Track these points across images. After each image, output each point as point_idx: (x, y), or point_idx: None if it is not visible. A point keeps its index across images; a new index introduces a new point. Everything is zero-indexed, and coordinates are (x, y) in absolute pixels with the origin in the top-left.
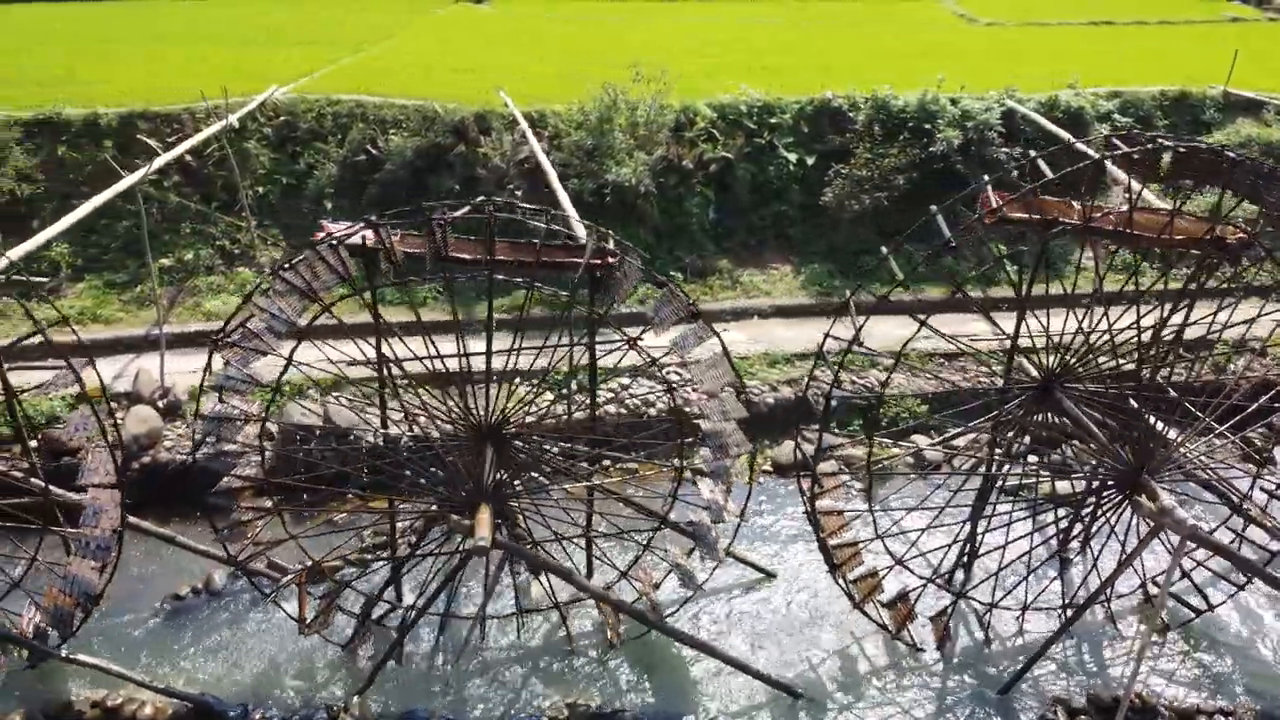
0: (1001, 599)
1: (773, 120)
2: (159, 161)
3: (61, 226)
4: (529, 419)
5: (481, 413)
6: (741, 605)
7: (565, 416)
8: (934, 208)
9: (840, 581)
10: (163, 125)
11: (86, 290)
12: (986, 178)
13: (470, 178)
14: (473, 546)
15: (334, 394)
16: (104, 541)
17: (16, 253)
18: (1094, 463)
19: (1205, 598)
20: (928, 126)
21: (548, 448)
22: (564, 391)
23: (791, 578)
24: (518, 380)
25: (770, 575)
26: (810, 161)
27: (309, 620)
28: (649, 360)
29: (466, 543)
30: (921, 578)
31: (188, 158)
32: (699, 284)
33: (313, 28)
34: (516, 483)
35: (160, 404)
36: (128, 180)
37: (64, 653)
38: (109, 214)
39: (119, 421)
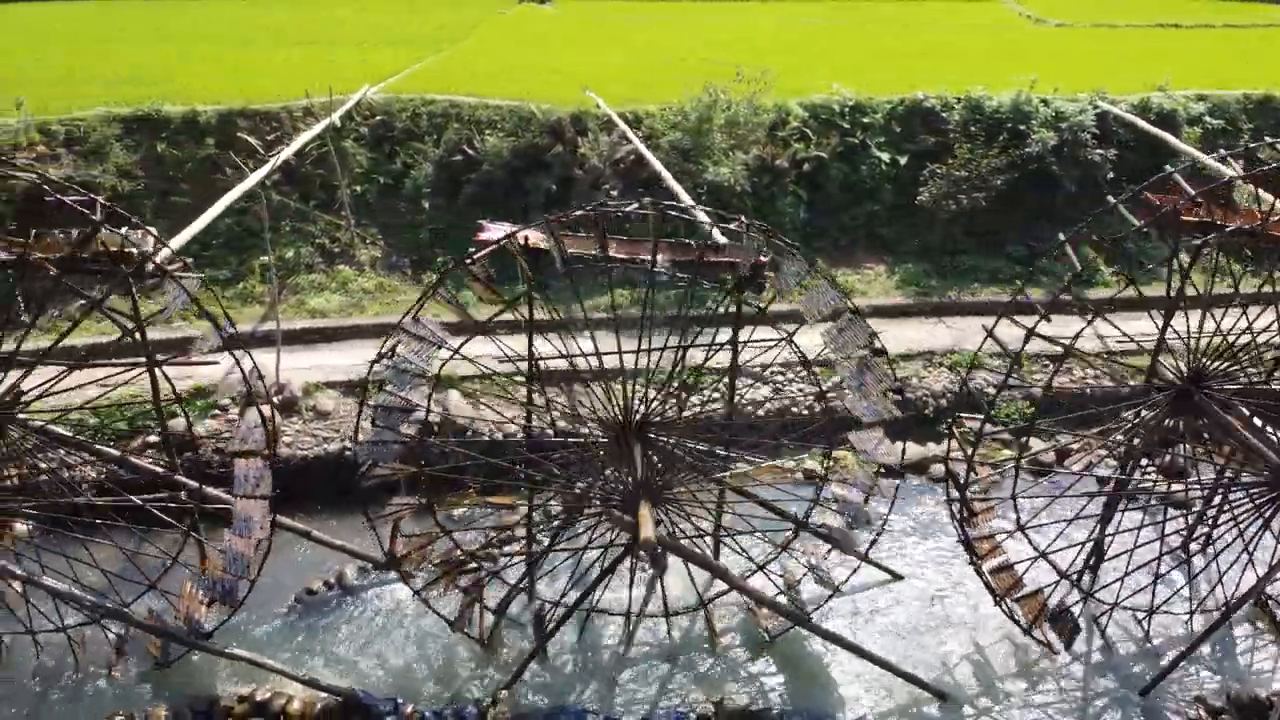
0: (1111, 596)
1: (865, 120)
2: (280, 158)
3: (204, 221)
4: (666, 416)
5: (625, 410)
6: (871, 606)
7: (701, 413)
8: (1112, 199)
9: (983, 575)
10: (261, 123)
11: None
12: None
13: (566, 178)
14: (642, 543)
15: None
16: (228, 585)
17: (178, 241)
18: (1232, 465)
19: None
20: (1021, 128)
21: (691, 445)
22: (674, 390)
23: (919, 579)
24: (658, 377)
25: (898, 577)
26: (903, 161)
27: (457, 620)
28: (801, 358)
29: (616, 537)
30: (1060, 573)
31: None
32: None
33: (388, 29)
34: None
35: (276, 400)
36: (255, 176)
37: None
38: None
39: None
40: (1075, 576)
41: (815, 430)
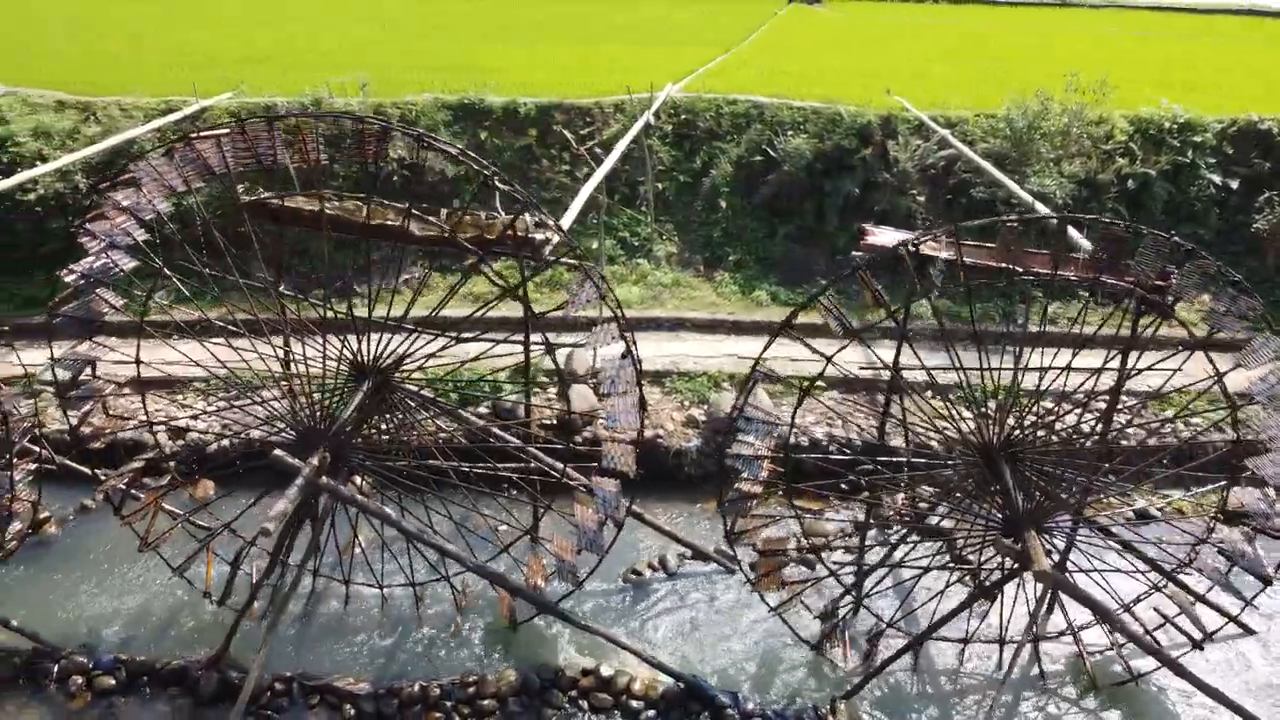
0: None
1: (1195, 139)
2: (616, 152)
3: (577, 207)
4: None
5: (989, 430)
6: (1218, 658)
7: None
8: None
9: None
10: (576, 117)
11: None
12: None
13: (868, 182)
14: (1037, 575)
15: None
16: (594, 533)
17: (565, 221)
18: None
19: None
20: None
21: (1060, 473)
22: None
23: (1272, 636)
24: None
25: (1250, 631)
26: (1234, 185)
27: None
28: (1229, 399)
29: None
30: None
31: (598, 150)
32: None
33: (668, 29)
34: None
35: (592, 383)
36: (604, 167)
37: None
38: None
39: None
40: None
41: (1215, 480)
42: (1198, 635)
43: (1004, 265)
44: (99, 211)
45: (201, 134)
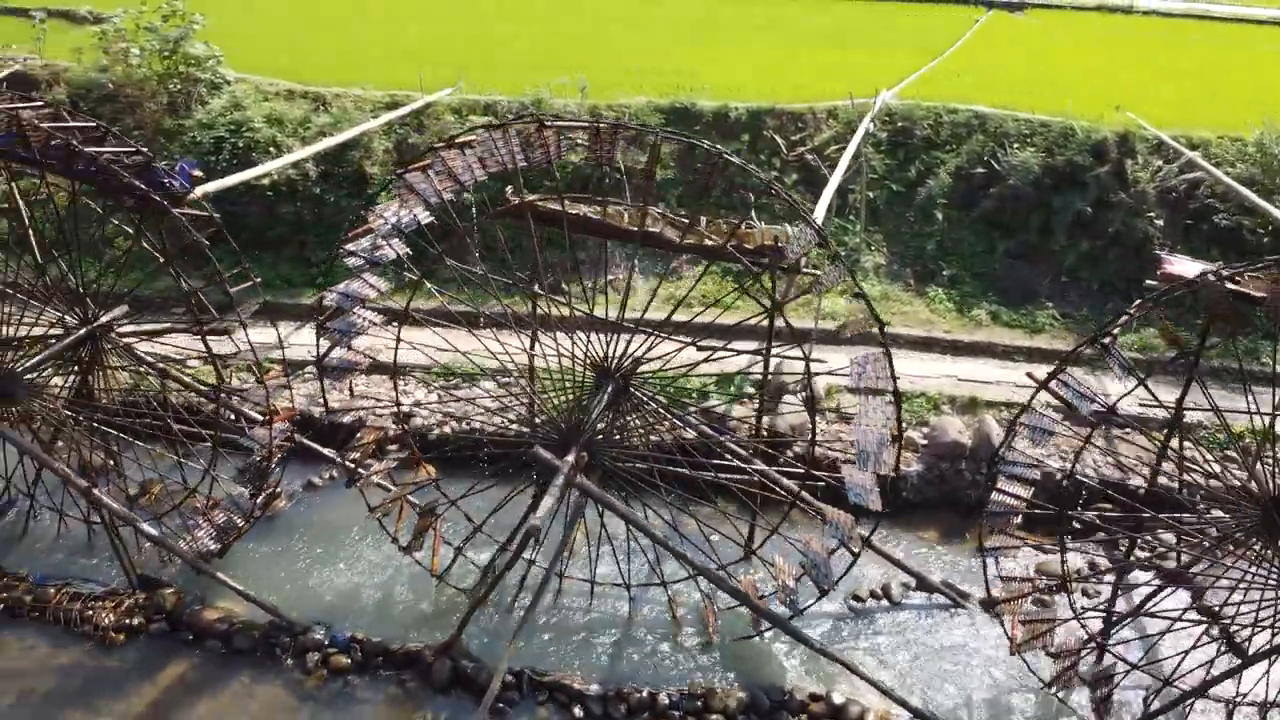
0: None
1: None
2: (845, 160)
3: (821, 213)
4: None
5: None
6: None
7: None
8: None
9: None
10: (787, 122)
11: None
12: None
13: (1101, 200)
14: None
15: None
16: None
17: (818, 214)
18: None
19: None
20: None
21: None
22: None
23: None
24: None
25: None
26: None
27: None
28: None
29: None
30: None
31: (809, 156)
32: None
33: (870, 34)
34: None
35: (799, 395)
36: (834, 179)
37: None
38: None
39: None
40: None
41: None
42: None
43: None
44: (425, 163)
45: (556, 124)
